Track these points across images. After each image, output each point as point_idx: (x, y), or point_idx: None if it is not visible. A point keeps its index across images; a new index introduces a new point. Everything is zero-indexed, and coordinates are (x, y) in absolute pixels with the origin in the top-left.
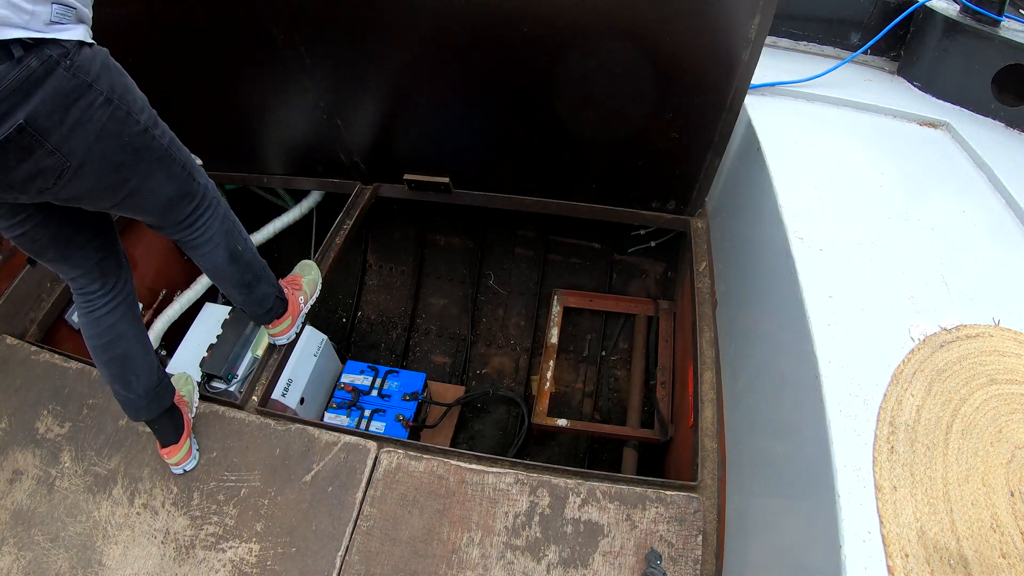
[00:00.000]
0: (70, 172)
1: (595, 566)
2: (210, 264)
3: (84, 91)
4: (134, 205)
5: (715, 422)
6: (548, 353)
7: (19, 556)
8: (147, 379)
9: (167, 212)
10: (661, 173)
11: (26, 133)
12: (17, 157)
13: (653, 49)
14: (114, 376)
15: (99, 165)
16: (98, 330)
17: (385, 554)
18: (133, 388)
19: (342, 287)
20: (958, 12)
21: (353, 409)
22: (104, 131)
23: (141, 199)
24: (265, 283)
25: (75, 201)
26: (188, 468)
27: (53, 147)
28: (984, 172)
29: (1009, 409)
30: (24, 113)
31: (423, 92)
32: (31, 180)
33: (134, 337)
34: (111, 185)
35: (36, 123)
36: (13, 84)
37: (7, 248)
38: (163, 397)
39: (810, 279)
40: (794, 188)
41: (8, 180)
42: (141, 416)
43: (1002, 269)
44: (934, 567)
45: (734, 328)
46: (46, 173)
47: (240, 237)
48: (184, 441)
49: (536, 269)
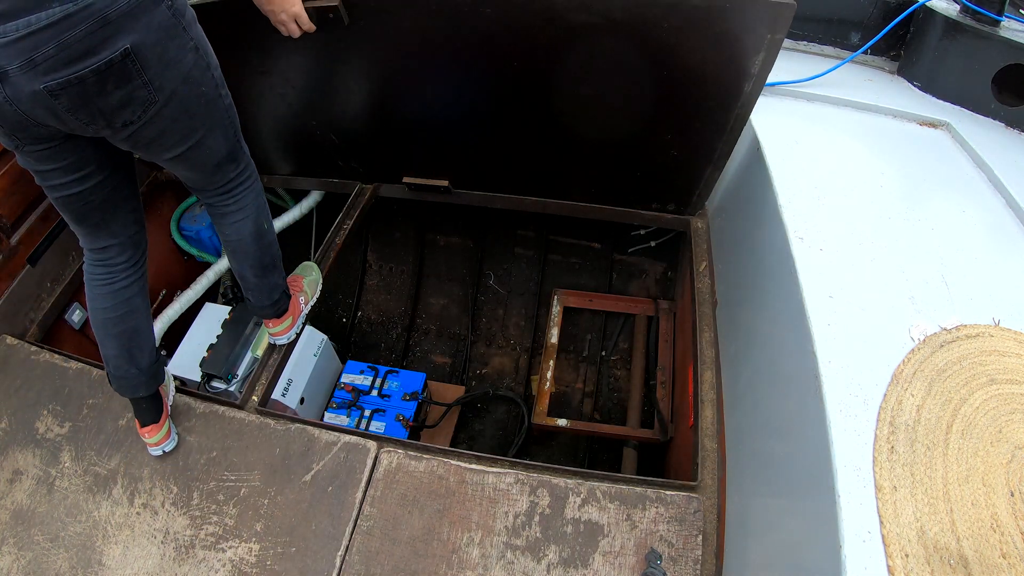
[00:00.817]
0: (155, 108)
1: (595, 566)
2: (236, 235)
3: (180, 32)
4: (191, 158)
5: (715, 422)
6: (548, 353)
7: (19, 556)
8: (150, 354)
9: (215, 172)
10: (660, 180)
11: (129, 59)
12: (116, 82)
13: (655, 72)
14: (121, 350)
15: (178, 109)
16: (115, 302)
17: (385, 554)
18: (138, 362)
19: (342, 287)
20: (958, 12)
21: (353, 409)
22: (190, 76)
23: (200, 152)
24: (279, 273)
25: (145, 144)
26: (167, 449)
27: (148, 79)
28: (984, 172)
29: (1009, 409)
30: (131, 39)
31: (420, 94)
32: (121, 109)
33: (144, 311)
34: (183, 131)
35: (140, 51)
36: (125, 7)
37: (7, 248)
38: (159, 375)
39: (810, 279)
40: (794, 188)
41: (101, 105)
42: (139, 391)
43: (1002, 269)
44: (934, 567)
45: (734, 328)
46: (135, 104)
47: (268, 217)
48: (164, 421)
49: (536, 269)
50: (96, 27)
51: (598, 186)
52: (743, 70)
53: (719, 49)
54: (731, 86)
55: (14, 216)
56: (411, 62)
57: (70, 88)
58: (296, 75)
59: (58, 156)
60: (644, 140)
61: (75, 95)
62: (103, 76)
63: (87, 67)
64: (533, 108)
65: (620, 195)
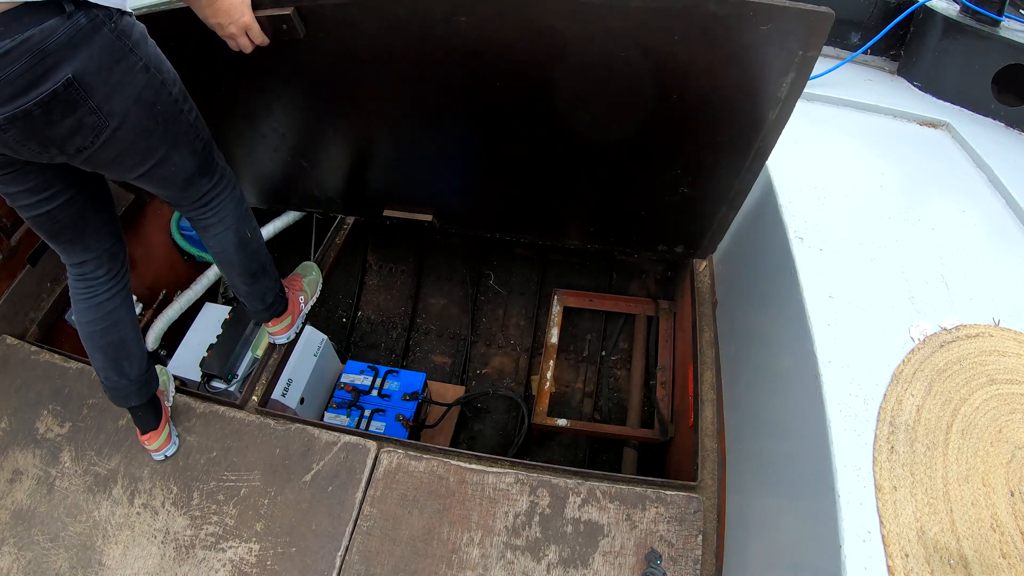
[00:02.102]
0: (108, 132)
1: (595, 566)
2: (219, 247)
3: (126, 54)
4: (157, 175)
5: (715, 422)
6: (548, 353)
7: (19, 556)
8: (139, 364)
9: (186, 187)
10: (668, 220)
11: (73, 88)
12: (62, 111)
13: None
14: (108, 362)
15: (133, 129)
16: (98, 315)
17: (385, 554)
18: (126, 373)
19: (342, 287)
20: (958, 12)
21: (353, 409)
22: (141, 96)
23: (166, 170)
24: (270, 277)
25: (105, 166)
26: (169, 453)
27: (96, 105)
28: (984, 172)
29: (1009, 409)
30: (72, 68)
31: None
32: (71, 136)
33: (130, 323)
34: (141, 151)
35: (83, 79)
36: (63, 38)
37: (7, 248)
38: (152, 383)
39: (810, 279)
40: (794, 188)
41: (50, 134)
42: (131, 401)
43: (1002, 269)
44: (934, 567)
45: (734, 328)
46: (85, 131)
47: (251, 225)
48: (164, 427)
49: (536, 269)
50: (35, 61)
51: (597, 224)
52: (767, 94)
53: (739, 68)
54: (752, 114)
55: (14, 216)
56: (379, 81)
57: (16, 121)
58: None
59: (21, 179)
60: (649, 175)
61: (23, 127)
62: (48, 107)
63: (31, 100)
64: (519, 135)
65: (622, 233)
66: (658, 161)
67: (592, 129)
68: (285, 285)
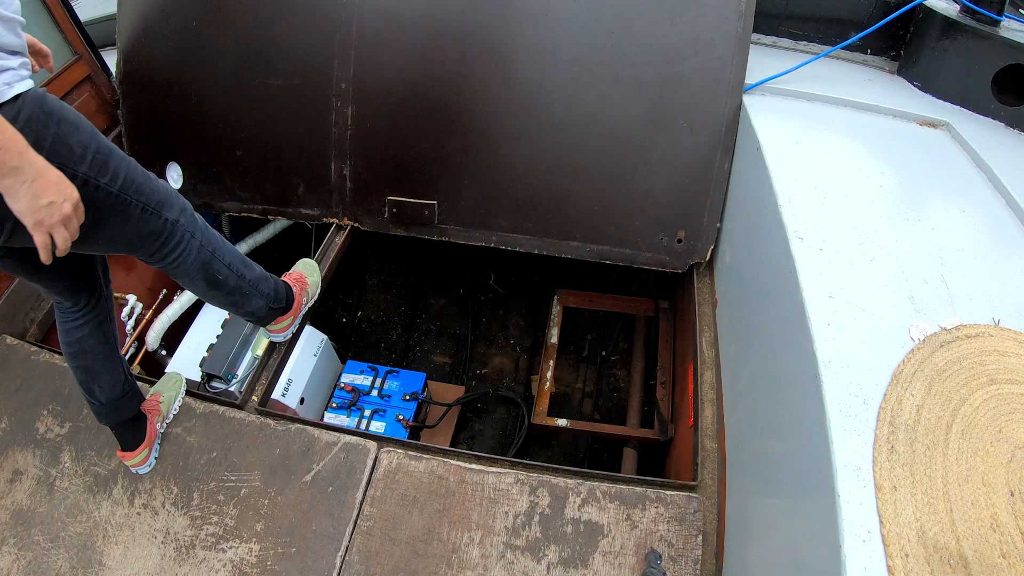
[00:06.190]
0: (7, 229)
1: (595, 566)
2: (194, 289)
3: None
4: (90, 248)
5: (715, 422)
6: (548, 353)
7: (19, 556)
8: (109, 391)
9: (131, 249)
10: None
11: None
12: None
13: None
14: (80, 381)
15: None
16: (68, 339)
17: (385, 554)
18: (95, 396)
19: (342, 287)
20: (958, 12)
21: (353, 409)
22: None
23: (93, 244)
24: (256, 299)
25: (29, 244)
26: (140, 472)
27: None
28: (984, 172)
29: (1009, 409)
30: None
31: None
32: None
33: (101, 353)
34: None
35: None
36: None
37: None
38: (122, 410)
39: (810, 279)
40: (794, 188)
41: None
42: (101, 420)
43: (1002, 269)
44: (934, 567)
45: (734, 328)
46: (7, 222)
47: (221, 265)
48: (140, 451)
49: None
50: None
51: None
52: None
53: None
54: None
55: None
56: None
57: None
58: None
59: None
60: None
61: None
62: None
63: None
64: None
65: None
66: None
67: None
68: (292, 283)
